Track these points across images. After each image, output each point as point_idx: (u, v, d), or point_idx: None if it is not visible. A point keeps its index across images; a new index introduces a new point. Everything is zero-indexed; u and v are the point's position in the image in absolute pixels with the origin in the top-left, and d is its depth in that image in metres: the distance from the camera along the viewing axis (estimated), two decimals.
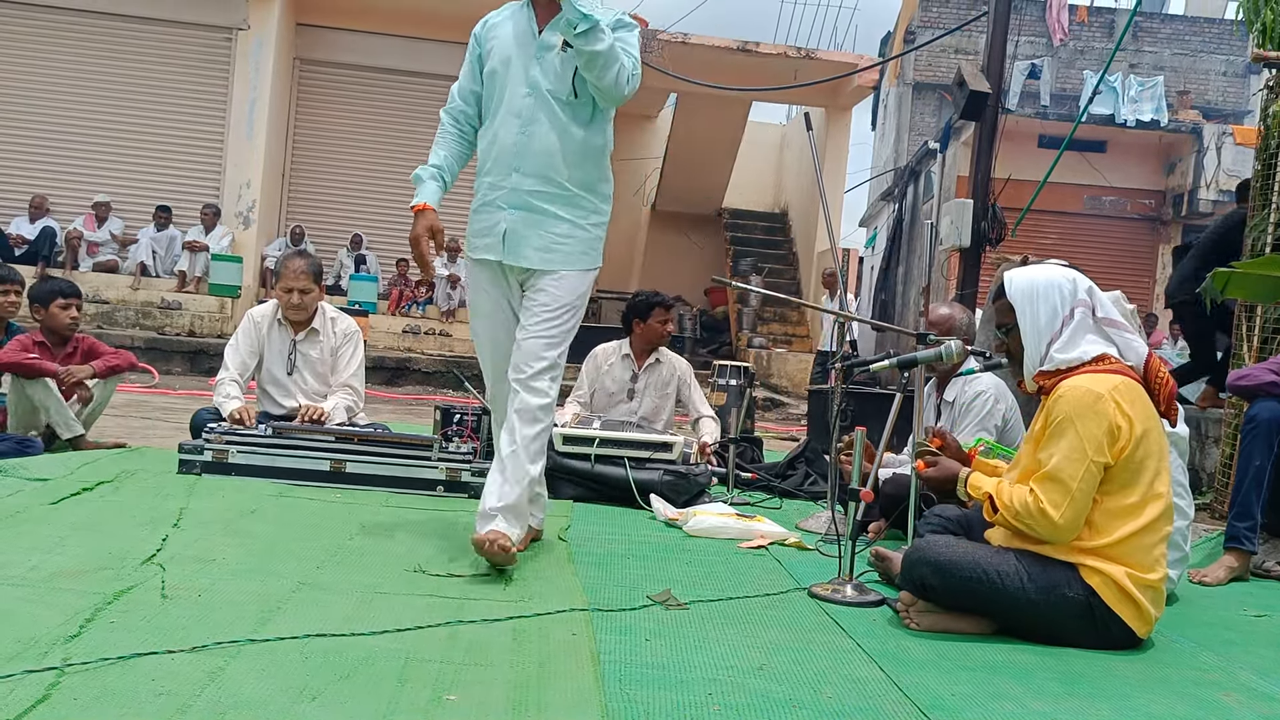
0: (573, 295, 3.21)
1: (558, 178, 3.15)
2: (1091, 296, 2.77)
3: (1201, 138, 16.52)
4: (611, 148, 3.31)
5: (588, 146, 3.19)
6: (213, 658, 2.03)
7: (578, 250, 3.21)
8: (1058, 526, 2.59)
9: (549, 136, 3.14)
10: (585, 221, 3.21)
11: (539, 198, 3.15)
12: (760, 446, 6.02)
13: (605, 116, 3.26)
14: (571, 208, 3.18)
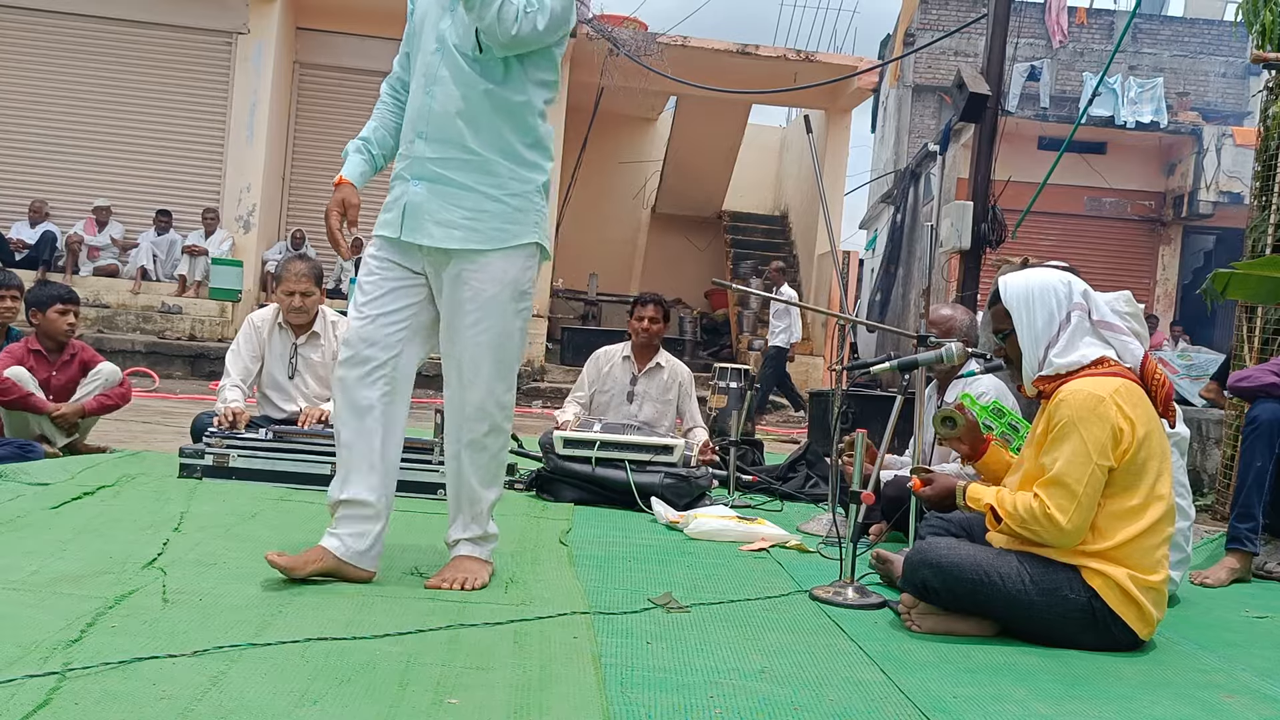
0: (499, 284, 2.78)
1: (464, 141, 2.76)
2: (1087, 299, 2.77)
3: (1201, 139, 16.52)
4: (542, 105, 2.87)
5: (502, 105, 2.77)
6: (214, 662, 2.02)
7: (493, 225, 2.77)
8: (1065, 531, 2.58)
9: (452, 96, 2.75)
10: (502, 192, 2.78)
11: (443, 165, 2.77)
12: (761, 449, 6.02)
13: (529, 70, 2.81)
14: (483, 175, 2.77)
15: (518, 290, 2.84)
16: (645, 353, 5.38)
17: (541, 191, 2.89)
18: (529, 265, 2.86)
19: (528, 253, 2.84)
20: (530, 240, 2.84)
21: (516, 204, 2.80)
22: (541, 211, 2.89)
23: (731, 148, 17.23)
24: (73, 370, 4.93)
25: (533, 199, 2.85)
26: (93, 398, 4.84)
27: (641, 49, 13.65)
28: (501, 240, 2.79)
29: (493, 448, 2.89)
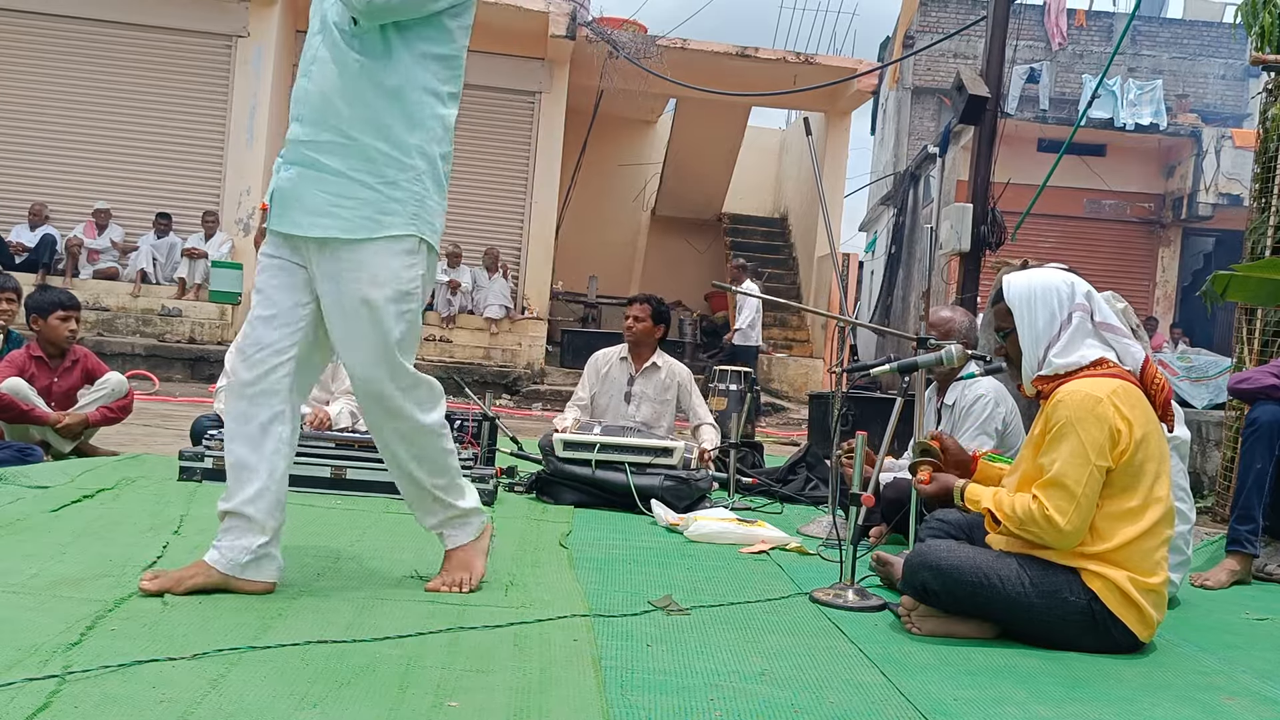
0: (374, 284, 2.54)
1: (337, 124, 2.54)
2: (1090, 301, 2.77)
3: (1201, 141, 16.54)
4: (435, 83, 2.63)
5: (380, 84, 2.54)
6: (214, 665, 2.02)
7: (362, 214, 2.53)
8: (1064, 532, 2.58)
9: (328, 74, 2.55)
10: (376, 179, 2.54)
11: (315, 149, 2.56)
12: (761, 451, 6.02)
13: (414, 44, 2.58)
14: (357, 160, 2.54)
15: (397, 291, 2.57)
16: (641, 353, 5.37)
17: (427, 180, 2.63)
18: (411, 263, 2.59)
19: (406, 247, 2.58)
20: (406, 232, 2.58)
21: (392, 192, 2.56)
22: (425, 202, 2.62)
23: (731, 150, 17.24)
24: (74, 376, 4.93)
25: (412, 187, 2.59)
26: (96, 409, 4.84)
27: (641, 51, 13.67)
28: (370, 230, 2.54)
29: (418, 439, 2.71)
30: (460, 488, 2.83)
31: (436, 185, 2.66)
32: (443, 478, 2.77)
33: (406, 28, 2.56)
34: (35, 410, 4.62)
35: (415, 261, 2.61)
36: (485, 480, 4.29)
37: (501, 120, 14.27)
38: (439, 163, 2.67)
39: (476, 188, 14.34)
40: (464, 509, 2.83)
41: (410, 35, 2.56)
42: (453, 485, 2.80)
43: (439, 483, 2.77)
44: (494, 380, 12.03)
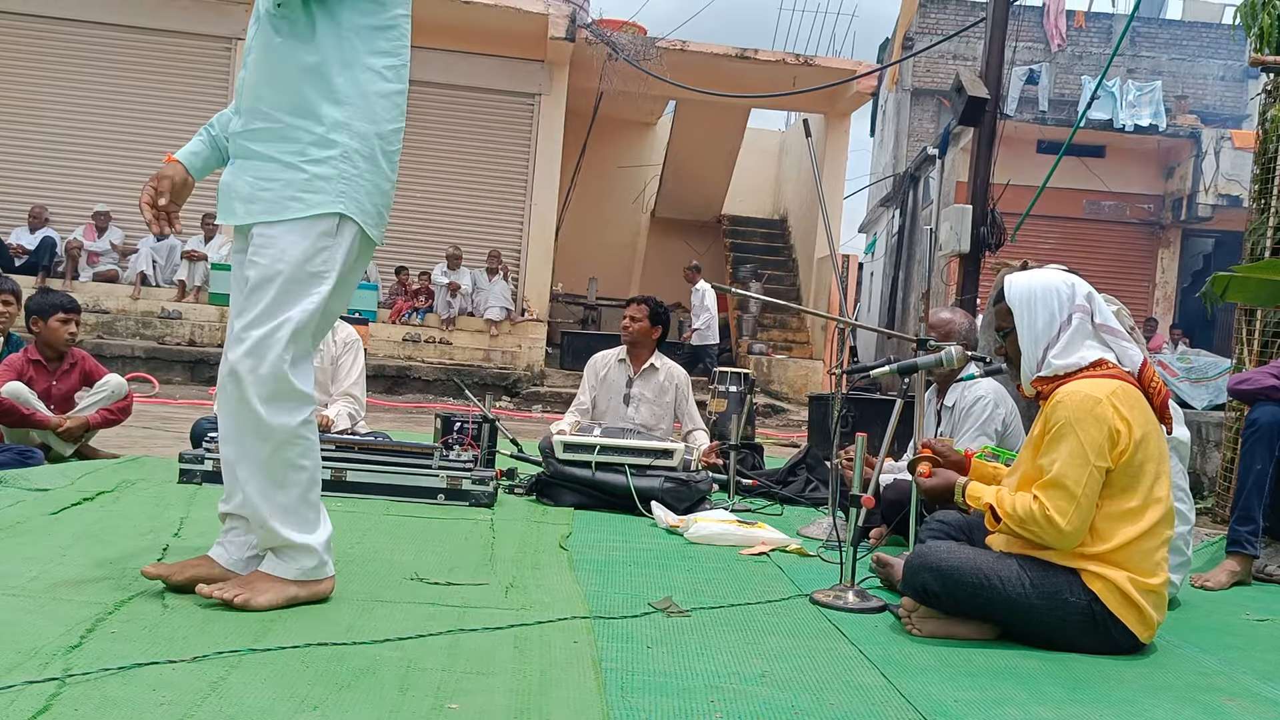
0: (281, 262, 2.45)
1: (263, 108, 2.49)
2: (1090, 302, 2.77)
3: (1200, 142, 16.54)
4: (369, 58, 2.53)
5: (299, 63, 2.47)
6: (214, 667, 2.02)
7: (285, 195, 2.45)
8: (1064, 533, 2.58)
9: (261, 62, 2.51)
10: (299, 159, 2.46)
11: (249, 138, 2.51)
12: (761, 453, 6.02)
13: (345, 16, 2.49)
14: (281, 142, 2.48)
15: (303, 271, 2.46)
16: (639, 354, 5.37)
17: (358, 159, 2.52)
18: (324, 244, 2.49)
19: (322, 228, 2.48)
20: (327, 210, 2.48)
21: (316, 170, 2.47)
22: (355, 181, 2.52)
23: (731, 152, 17.25)
24: (73, 379, 4.93)
25: (339, 165, 2.49)
26: (96, 411, 4.84)
27: (640, 53, 13.68)
28: (290, 210, 2.45)
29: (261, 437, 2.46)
30: (302, 517, 2.51)
31: (371, 163, 2.55)
32: (280, 494, 2.48)
33: (332, 4, 2.48)
34: (36, 414, 4.62)
35: (331, 244, 2.50)
36: (485, 482, 4.30)
37: (501, 122, 14.28)
38: (375, 140, 2.55)
39: (476, 190, 14.35)
40: (294, 541, 2.50)
41: (336, 9, 2.48)
42: (291, 510, 2.50)
43: (275, 499, 2.47)
44: (494, 382, 12.03)
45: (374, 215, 2.60)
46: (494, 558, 3.31)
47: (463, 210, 14.37)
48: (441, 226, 14.23)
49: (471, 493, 4.26)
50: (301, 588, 2.50)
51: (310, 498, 2.53)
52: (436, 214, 14.31)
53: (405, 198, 14.19)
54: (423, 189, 14.24)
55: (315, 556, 2.52)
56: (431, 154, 14.19)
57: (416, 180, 14.22)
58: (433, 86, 14.09)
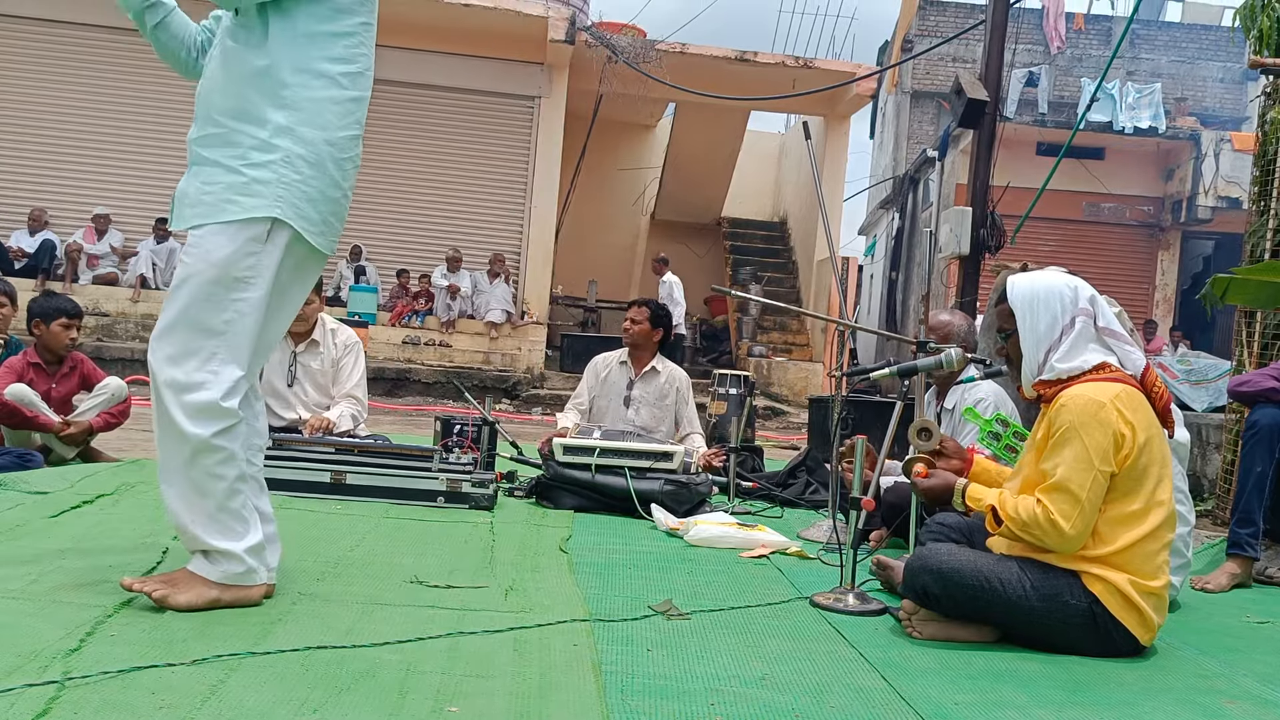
0: (203, 263, 2.40)
1: (214, 113, 2.47)
2: (1094, 305, 2.76)
3: (1199, 144, 16.55)
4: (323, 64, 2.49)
5: (247, 67, 2.45)
6: (213, 671, 2.02)
7: (223, 198, 2.42)
8: (1068, 537, 2.58)
9: (213, 68, 2.51)
10: (240, 162, 2.43)
11: (200, 144, 2.49)
12: (761, 455, 6.02)
13: (298, 21, 2.46)
14: (227, 147, 2.45)
15: (226, 274, 2.40)
16: (641, 357, 5.39)
17: (302, 165, 2.46)
18: (252, 249, 2.42)
19: (252, 233, 2.42)
20: (259, 215, 2.42)
21: (255, 173, 2.42)
22: (296, 187, 2.45)
23: (730, 154, 17.26)
24: (72, 383, 4.93)
25: (279, 169, 2.44)
26: (98, 415, 4.84)
27: (640, 56, 13.68)
28: (224, 213, 2.41)
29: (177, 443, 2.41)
30: (223, 524, 2.44)
31: (316, 169, 2.49)
32: (200, 501, 2.43)
33: (286, 7, 2.46)
34: (40, 417, 4.61)
35: (259, 250, 2.43)
36: (485, 485, 4.29)
37: (501, 125, 14.29)
38: (324, 147, 2.49)
39: (476, 192, 14.36)
40: (217, 546, 2.45)
41: (292, 14, 2.46)
42: (212, 517, 2.43)
43: (195, 505, 2.43)
44: (493, 385, 12.03)
45: (318, 223, 2.51)
46: (494, 560, 3.31)
47: (462, 213, 14.37)
48: (441, 229, 14.24)
49: (471, 495, 4.25)
50: (224, 591, 2.45)
51: (231, 505, 2.46)
52: (436, 217, 14.32)
53: (405, 200, 14.21)
54: (422, 192, 14.25)
55: (241, 562, 2.46)
56: (431, 157, 14.20)
57: (416, 183, 14.23)
58: (432, 89, 14.11)
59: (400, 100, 14.12)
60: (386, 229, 14.17)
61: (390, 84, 14.07)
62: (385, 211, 14.15)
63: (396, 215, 14.23)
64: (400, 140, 14.06)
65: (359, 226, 14.11)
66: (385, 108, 14.13)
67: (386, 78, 14.06)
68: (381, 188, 14.10)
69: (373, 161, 14.09)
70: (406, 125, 14.10)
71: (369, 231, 14.09)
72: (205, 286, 2.39)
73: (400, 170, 14.15)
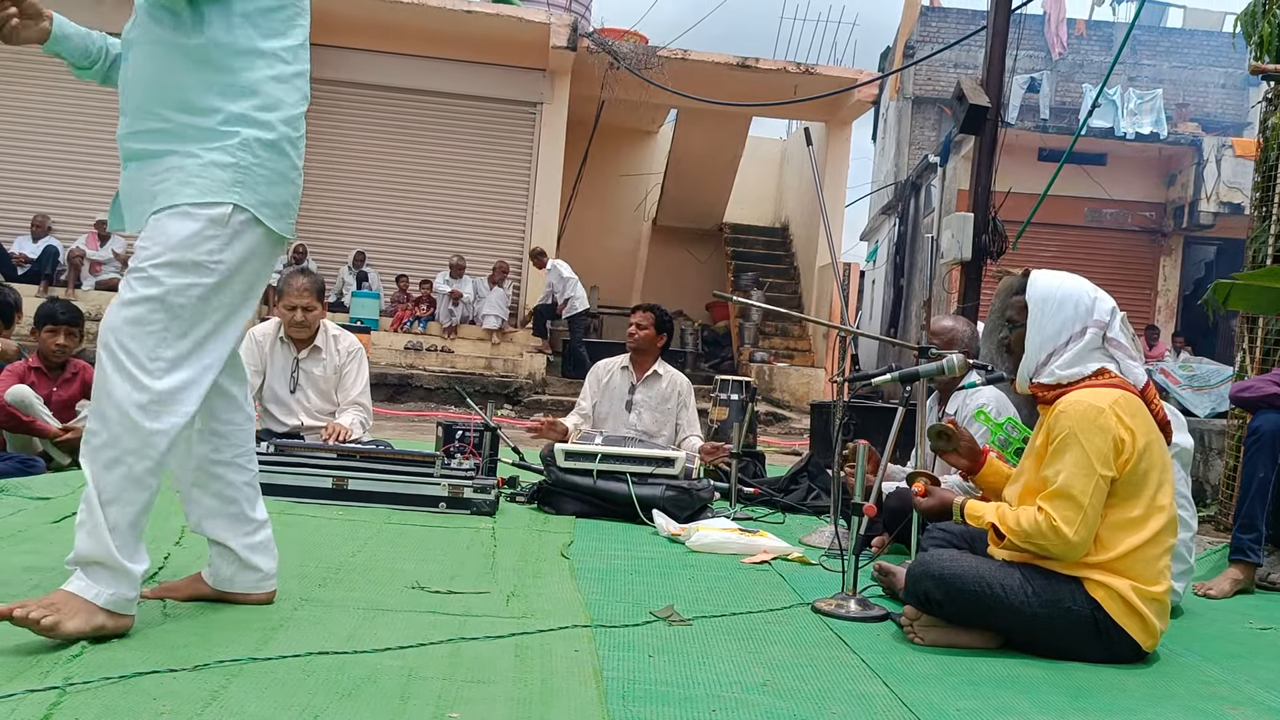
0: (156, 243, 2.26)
1: (152, 106, 2.33)
2: (1111, 317, 2.73)
3: (1201, 150, 16.56)
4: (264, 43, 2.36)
5: (188, 56, 2.30)
6: (215, 676, 2.02)
7: (177, 182, 2.29)
8: (1072, 543, 2.57)
9: (140, 56, 2.35)
10: (197, 145, 2.31)
11: (141, 139, 2.35)
12: (762, 461, 6.02)
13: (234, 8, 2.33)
14: (176, 141, 2.32)
15: (184, 256, 2.26)
16: (643, 361, 5.41)
17: (258, 148, 2.35)
18: (213, 232, 2.28)
19: (212, 215, 2.28)
20: (217, 199, 2.29)
21: (213, 157, 2.30)
22: (251, 168, 2.34)
23: (732, 160, 17.28)
24: (74, 388, 4.93)
25: (237, 153, 2.32)
26: None
27: (642, 62, 13.70)
28: (181, 196, 2.28)
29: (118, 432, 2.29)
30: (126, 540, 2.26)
31: (274, 151, 2.38)
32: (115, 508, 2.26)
33: None
34: (36, 421, 4.62)
35: (220, 234, 2.29)
36: (487, 490, 4.29)
37: (503, 131, 14.32)
38: (280, 126, 2.38)
39: (478, 198, 14.38)
40: (116, 561, 2.21)
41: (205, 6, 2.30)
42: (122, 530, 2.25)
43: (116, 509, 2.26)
44: (495, 390, 12.03)
45: (278, 208, 2.41)
46: (495, 566, 3.31)
47: (464, 219, 14.39)
48: (443, 235, 14.26)
49: (473, 501, 4.25)
50: (110, 618, 2.20)
51: (142, 522, 2.30)
52: (438, 223, 14.34)
53: (408, 207, 14.24)
54: (425, 198, 14.27)
55: (134, 587, 2.24)
56: (433, 163, 14.22)
57: (419, 189, 14.26)
58: (435, 95, 14.13)
59: (402, 106, 14.15)
60: (389, 235, 14.19)
61: (392, 90, 14.13)
62: (387, 217, 14.17)
63: (399, 221, 14.25)
64: (402, 146, 14.09)
65: (362, 232, 14.14)
66: (387, 114, 14.18)
67: (388, 84, 14.13)
68: (384, 194, 14.13)
69: (375, 167, 14.18)
70: (408, 131, 14.12)
71: (371, 237, 14.11)
72: (162, 271, 2.24)
73: (402, 176, 14.17)
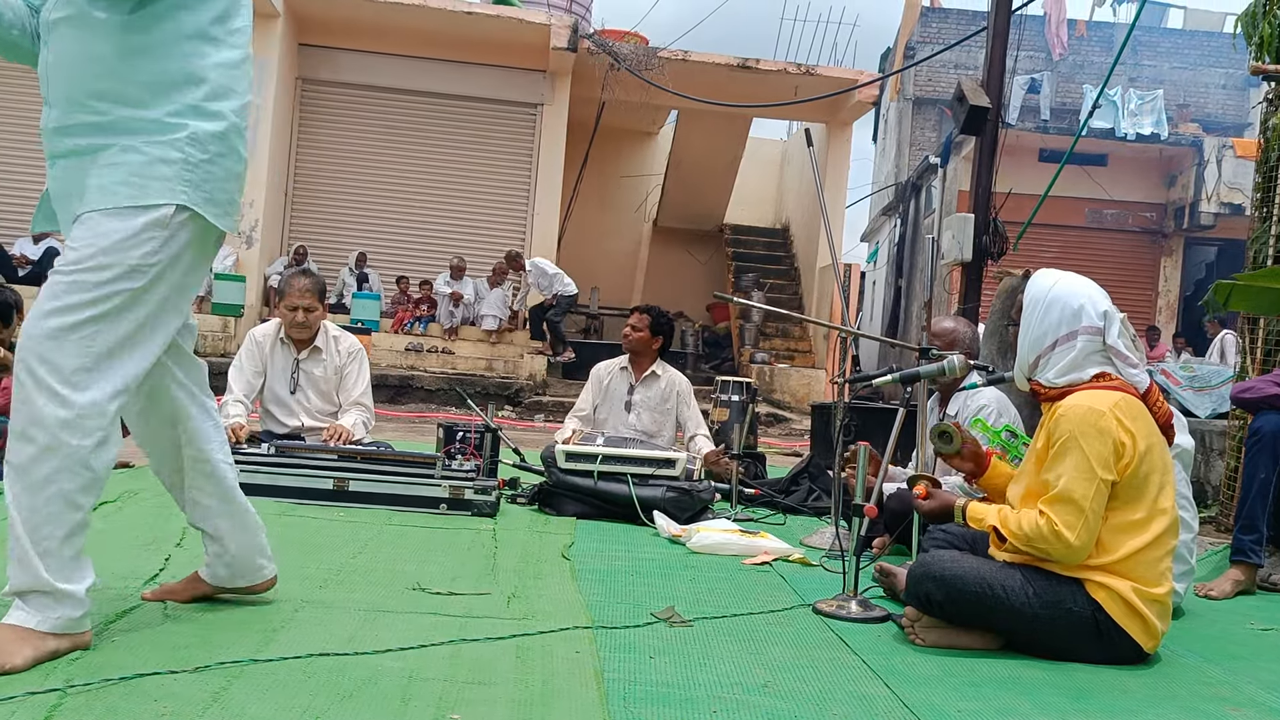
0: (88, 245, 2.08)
1: (86, 99, 2.14)
2: (1105, 323, 2.72)
3: (1202, 150, 16.56)
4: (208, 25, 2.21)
5: (130, 46, 2.13)
6: (216, 678, 2.02)
7: (117, 179, 2.12)
8: (1074, 548, 2.57)
9: (70, 41, 2.15)
10: (139, 139, 2.13)
11: (74, 133, 2.16)
12: (763, 462, 6.01)
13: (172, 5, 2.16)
14: (115, 135, 2.14)
15: (119, 262, 2.09)
16: (641, 362, 5.42)
17: (208, 142, 2.20)
18: (152, 234, 2.12)
19: (154, 216, 2.12)
20: (161, 200, 2.13)
21: (159, 153, 2.14)
22: (200, 166, 2.18)
23: (732, 161, 17.28)
24: None
25: (186, 148, 2.16)
26: None
27: (643, 63, 13.70)
28: (121, 197, 2.11)
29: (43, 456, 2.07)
30: (63, 559, 2.11)
31: (223, 144, 2.23)
32: (47, 527, 2.10)
33: None
34: None
35: (159, 236, 2.12)
36: (488, 492, 4.29)
37: (503, 132, 14.32)
38: (231, 118, 2.24)
39: (478, 199, 14.38)
40: (53, 587, 2.08)
41: None
42: (53, 552, 2.10)
43: (46, 531, 2.09)
44: (496, 392, 12.03)
45: (224, 205, 2.25)
46: (496, 567, 3.31)
47: (465, 220, 14.40)
48: (444, 236, 14.26)
49: (474, 502, 4.25)
50: (61, 640, 2.08)
51: (77, 541, 2.16)
52: (439, 224, 14.34)
53: (408, 208, 14.24)
54: (425, 199, 14.27)
55: (80, 605, 2.12)
56: (434, 164, 14.23)
57: (419, 190, 14.26)
58: (435, 97, 14.14)
59: (403, 108, 14.16)
60: (390, 236, 14.19)
61: (393, 91, 14.14)
62: (388, 219, 14.18)
63: (400, 222, 14.25)
64: (403, 148, 14.09)
65: (363, 233, 14.14)
66: (388, 115, 14.18)
67: (389, 85, 14.14)
68: (384, 195, 14.13)
69: (376, 169, 14.19)
70: (410, 133, 14.13)
71: (372, 239, 14.11)
72: (93, 275, 2.07)
73: (403, 178, 14.17)
